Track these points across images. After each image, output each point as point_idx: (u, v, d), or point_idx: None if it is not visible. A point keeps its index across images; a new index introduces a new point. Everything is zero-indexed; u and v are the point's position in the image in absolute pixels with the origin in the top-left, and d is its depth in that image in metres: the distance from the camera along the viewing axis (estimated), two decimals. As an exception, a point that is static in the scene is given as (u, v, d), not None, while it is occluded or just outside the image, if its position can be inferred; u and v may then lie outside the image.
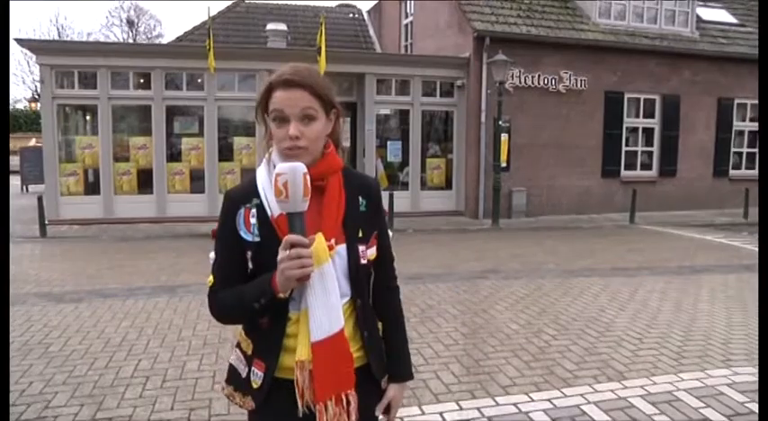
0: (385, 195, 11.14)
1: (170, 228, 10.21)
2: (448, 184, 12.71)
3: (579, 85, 12.36)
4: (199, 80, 11.19)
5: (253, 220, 1.35)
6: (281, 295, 1.29)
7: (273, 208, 1.33)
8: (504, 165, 11.48)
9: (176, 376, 3.67)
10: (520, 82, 11.95)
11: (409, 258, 7.74)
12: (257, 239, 1.34)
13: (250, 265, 1.35)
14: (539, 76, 12.07)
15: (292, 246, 1.23)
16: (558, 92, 12.24)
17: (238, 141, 11.35)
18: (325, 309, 1.30)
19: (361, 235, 1.40)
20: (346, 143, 12.54)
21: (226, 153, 11.29)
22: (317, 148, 1.35)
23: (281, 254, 1.24)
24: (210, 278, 1.41)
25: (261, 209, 1.35)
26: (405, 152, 12.39)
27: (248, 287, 1.33)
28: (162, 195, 10.94)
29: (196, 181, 11.09)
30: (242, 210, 1.36)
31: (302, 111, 1.31)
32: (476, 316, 5.08)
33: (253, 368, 1.40)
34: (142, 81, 10.95)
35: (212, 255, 1.42)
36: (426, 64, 12.10)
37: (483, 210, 11.90)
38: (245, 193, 1.38)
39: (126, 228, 10.20)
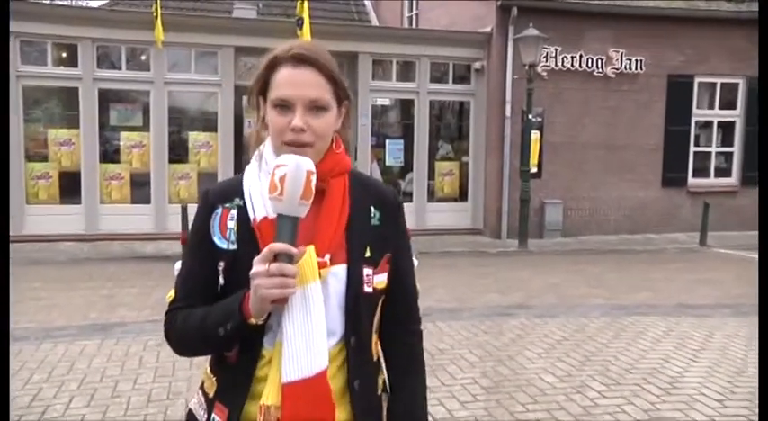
0: None
1: (103, 249, 10.15)
2: (462, 195, 12.73)
3: (634, 68, 12.44)
4: (142, 57, 11.21)
5: (231, 224, 1.38)
6: (253, 321, 1.29)
7: (258, 211, 1.36)
8: (534, 170, 11.52)
9: (108, 443, 3.62)
10: (556, 64, 12.02)
11: None
12: (233, 247, 1.37)
13: (221, 280, 1.38)
14: (580, 56, 12.15)
15: (275, 257, 1.24)
16: (606, 76, 12.30)
17: (195, 137, 11.36)
18: (305, 343, 1.30)
19: (368, 254, 1.40)
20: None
21: (179, 152, 11.29)
22: (323, 146, 1.39)
23: (258, 266, 1.25)
24: (171, 293, 1.45)
25: (242, 211, 1.39)
26: (408, 153, 12.44)
27: (215, 308, 1.35)
28: (92, 206, 10.90)
29: (139, 188, 11.09)
30: (219, 211, 1.40)
31: (313, 99, 1.35)
32: (500, 364, 5.06)
33: (213, 415, 1.40)
34: (65, 55, 10.96)
35: (178, 265, 1.46)
36: (436, 41, 12.17)
37: (507, 228, 11.89)
38: (227, 192, 1.42)
39: (43, 247, 10.13)
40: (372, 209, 1.44)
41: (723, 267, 9.80)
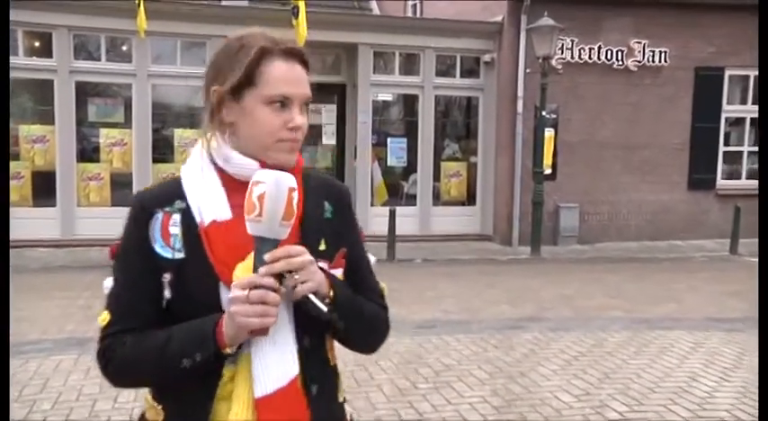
0: (384, 211, 11.50)
1: (80, 256, 10.12)
2: (470, 198, 12.75)
3: (657, 60, 12.45)
4: (124, 47, 11.22)
5: (174, 230, 1.37)
6: (228, 350, 1.30)
7: (206, 213, 1.37)
8: (548, 171, 11.53)
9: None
10: (572, 56, 12.04)
11: (417, 299, 7.68)
12: (179, 256, 1.36)
13: (167, 294, 1.36)
14: (599, 47, 12.16)
15: (255, 286, 1.25)
16: (627, 69, 12.31)
17: (181, 135, 11.37)
18: (276, 350, 1.33)
19: (323, 248, 1.43)
20: (331, 140, 12.60)
21: (163, 151, 11.28)
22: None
23: (236, 292, 1.26)
24: (104, 315, 1.39)
25: (186, 214, 1.38)
26: (411, 153, 12.44)
27: (175, 334, 1.33)
28: (69, 209, 10.90)
29: (120, 189, 11.07)
30: (159, 216, 1.38)
31: (305, 96, 1.41)
32: (511, 381, 5.06)
33: None
34: (38, 44, 10.96)
35: (108, 282, 1.41)
36: (442, 32, 12.18)
37: (518, 234, 11.89)
38: (165, 195, 1.41)
39: (14, 254, 10.07)
40: (326, 203, 1.49)
41: (755, 278, 9.74)
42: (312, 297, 1.30)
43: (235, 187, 1.37)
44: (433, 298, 7.91)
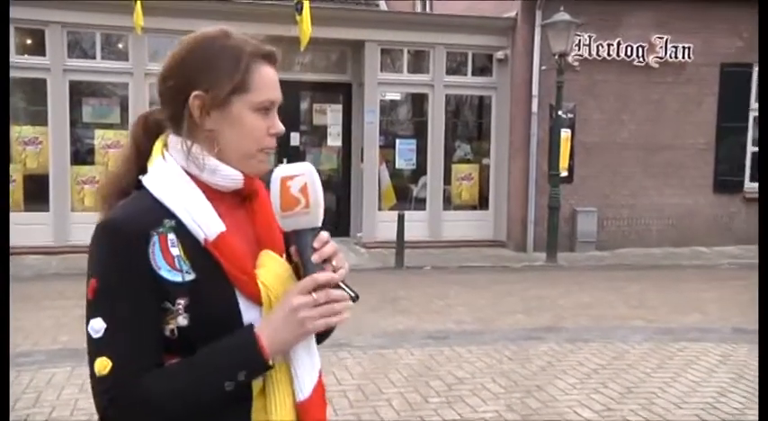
0: (392, 216, 11.55)
1: (75, 263, 10.10)
2: (483, 202, 12.75)
3: (681, 56, 12.42)
4: (120, 45, 11.27)
5: (174, 251, 1.32)
6: (271, 362, 1.32)
7: (208, 227, 1.33)
8: (564, 174, 11.52)
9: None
10: (590, 53, 12.03)
11: (427, 308, 7.72)
12: (190, 277, 1.31)
13: (182, 321, 1.30)
14: (618, 43, 12.15)
15: (316, 288, 1.31)
16: (648, 66, 12.30)
17: (178, 136, 11.36)
18: (308, 353, 1.41)
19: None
20: (336, 141, 12.61)
21: (160, 152, 11.29)
22: None
23: (301, 298, 1.30)
24: (103, 362, 1.27)
25: (181, 232, 1.33)
26: (421, 155, 12.46)
27: (207, 359, 1.29)
28: (63, 214, 10.93)
29: (115, 193, 11.08)
30: (155, 239, 1.31)
31: (280, 101, 1.44)
32: (528, 396, 5.05)
33: None
34: (30, 42, 10.99)
35: (96, 326, 1.29)
36: (453, 28, 12.20)
37: (533, 240, 11.88)
38: (147, 215, 1.33)
39: (8, 262, 10.12)
40: None
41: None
42: (342, 284, 1.36)
43: (216, 198, 1.37)
44: (444, 307, 7.93)
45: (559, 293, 8.85)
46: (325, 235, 1.35)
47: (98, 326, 1.29)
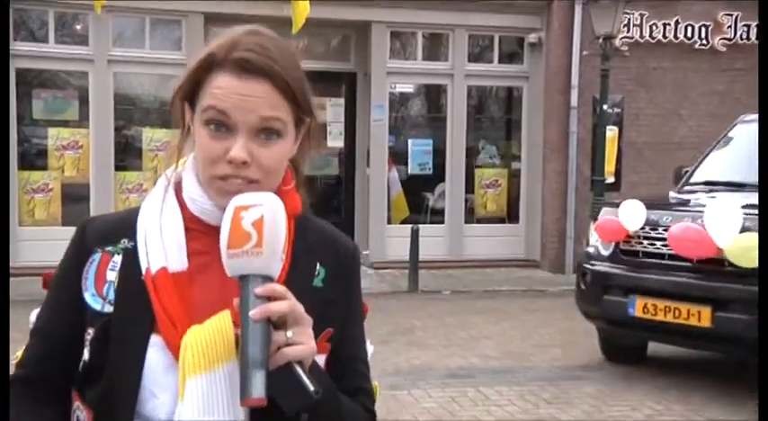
0: (404, 230, 11.47)
1: (22, 288, 10.02)
2: (512, 214, 12.79)
3: (753, 37, 12.38)
4: (78, 26, 11.31)
5: (110, 275, 1.36)
6: None
7: (154, 258, 1.34)
8: (610, 179, 11.55)
9: None
10: (641, 35, 12.06)
11: (447, 341, 7.73)
12: (108, 309, 1.34)
13: (86, 354, 1.34)
14: (676, 23, 12.17)
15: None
16: (713, 50, 12.34)
17: (150, 135, 11.44)
18: None
19: None
20: (338, 142, 12.57)
21: (129, 155, 11.37)
22: (273, 184, 1.38)
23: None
24: (19, 353, 1.45)
25: (129, 256, 1.37)
26: (438, 158, 12.48)
27: None
28: (8, 229, 10.87)
29: (73, 204, 11.14)
30: (97, 257, 1.38)
31: (262, 122, 1.32)
32: (571, 451, 5.04)
33: None
34: (-32, 24, 11.02)
35: (35, 315, 1.46)
36: (476, 6, 12.18)
37: (572, 260, 11.76)
38: (113, 229, 1.42)
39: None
40: (318, 265, 1.45)
41: None
42: (298, 368, 1.21)
43: (203, 231, 1.37)
44: (467, 339, 7.90)
45: (605, 323, 8.80)
46: (277, 287, 1.23)
47: (34, 317, 1.47)
